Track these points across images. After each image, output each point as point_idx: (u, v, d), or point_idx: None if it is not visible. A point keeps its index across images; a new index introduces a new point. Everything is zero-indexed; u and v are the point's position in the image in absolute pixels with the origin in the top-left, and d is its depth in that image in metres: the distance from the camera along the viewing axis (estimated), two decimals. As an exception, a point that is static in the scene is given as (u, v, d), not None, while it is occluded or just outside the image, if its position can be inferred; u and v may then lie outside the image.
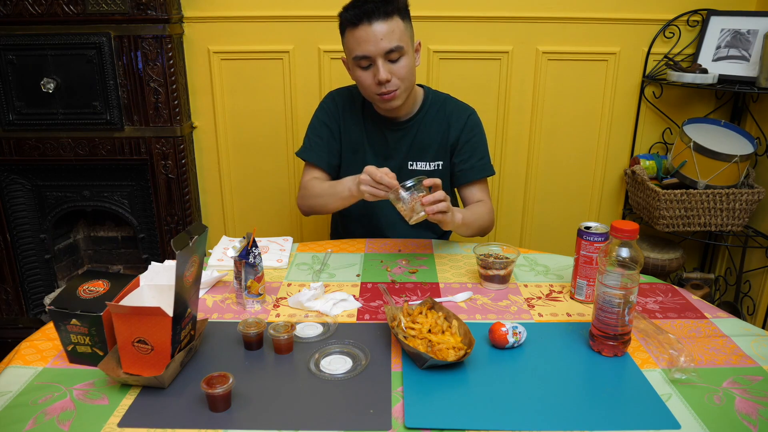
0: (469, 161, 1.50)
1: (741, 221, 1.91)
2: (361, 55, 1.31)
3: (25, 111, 1.99)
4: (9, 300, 2.21)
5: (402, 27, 1.32)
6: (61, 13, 1.87)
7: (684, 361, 0.91)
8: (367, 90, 1.37)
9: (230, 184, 2.24)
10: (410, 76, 1.37)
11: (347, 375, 0.90)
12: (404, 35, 1.33)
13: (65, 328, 0.90)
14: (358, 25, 1.29)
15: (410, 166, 1.51)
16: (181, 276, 0.84)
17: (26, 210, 2.14)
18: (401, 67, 1.34)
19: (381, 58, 1.31)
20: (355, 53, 1.32)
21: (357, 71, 1.36)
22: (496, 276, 1.20)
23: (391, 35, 1.30)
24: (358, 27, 1.29)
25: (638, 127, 2.14)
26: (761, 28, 1.90)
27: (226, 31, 2.04)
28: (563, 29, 2.03)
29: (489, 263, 1.20)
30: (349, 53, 1.35)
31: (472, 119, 1.51)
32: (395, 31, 1.31)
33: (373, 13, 1.28)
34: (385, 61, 1.32)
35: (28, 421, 0.80)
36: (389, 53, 1.31)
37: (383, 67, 1.32)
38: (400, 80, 1.34)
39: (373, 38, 1.29)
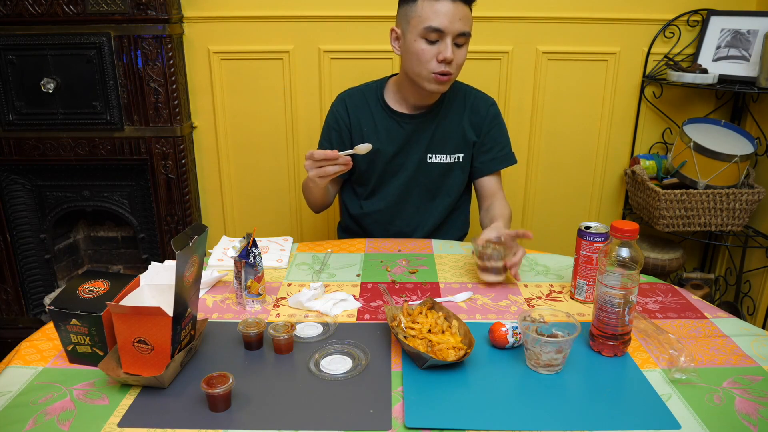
0: (489, 153, 1.51)
1: (741, 221, 1.91)
2: (436, 27, 1.29)
3: (25, 111, 1.99)
4: (9, 300, 2.21)
5: (472, 18, 1.34)
6: (61, 13, 1.87)
7: (684, 361, 0.91)
8: (423, 66, 1.34)
9: (230, 184, 2.24)
10: (462, 66, 1.37)
11: (347, 375, 0.90)
12: (471, 27, 1.34)
13: (65, 328, 0.90)
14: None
15: (429, 159, 1.50)
16: (181, 276, 0.84)
17: (26, 210, 2.14)
18: (462, 55, 1.35)
19: (451, 37, 1.30)
20: (429, 23, 1.29)
21: (420, 43, 1.32)
22: (494, 268, 1.19)
23: (467, 20, 1.31)
24: (439, 1, 1.28)
25: (638, 127, 2.14)
26: (761, 28, 1.90)
27: (226, 31, 2.05)
28: (563, 29, 2.03)
29: (487, 255, 1.19)
30: (420, 22, 1.31)
31: (493, 110, 1.51)
32: (470, 18, 1.32)
33: None
34: (452, 42, 1.31)
35: (28, 421, 0.80)
36: (460, 36, 1.31)
37: (451, 45, 1.31)
38: (458, 66, 1.35)
39: (452, 15, 1.28)
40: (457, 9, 1.29)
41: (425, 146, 1.49)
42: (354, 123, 1.50)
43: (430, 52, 1.32)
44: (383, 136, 1.49)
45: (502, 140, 1.52)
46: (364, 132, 1.49)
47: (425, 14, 1.30)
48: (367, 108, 1.50)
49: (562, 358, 0.90)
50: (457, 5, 1.29)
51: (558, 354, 0.89)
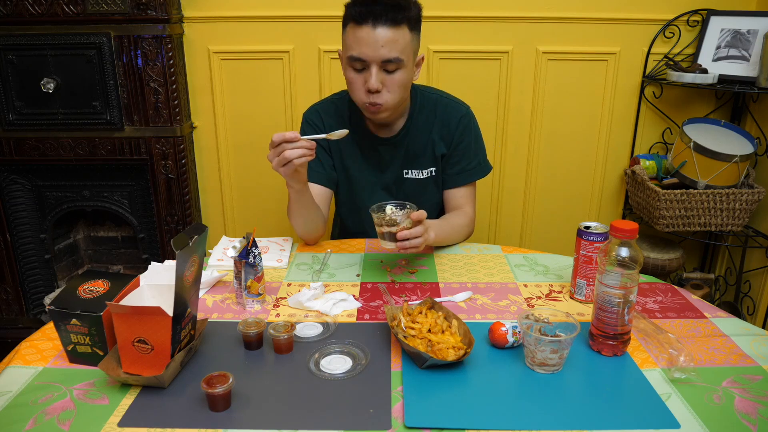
0: (456, 166, 1.45)
1: (741, 221, 1.91)
2: (357, 57, 1.23)
3: (25, 111, 1.99)
4: (9, 300, 2.21)
5: (408, 38, 1.24)
6: (61, 13, 1.87)
7: (684, 360, 0.91)
8: (355, 95, 1.29)
9: (230, 184, 2.24)
10: (402, 90, 1.29)
11: (347, 375, 0.90)
12: (407, 47, 1.24)
13: (65, 328, 0.91)
14: (362, 24, 1.20)
15: (405, 175, 1.46)
16: (181, 276, 0.84)
17: (26, 210, 2.15)
18: (395, 81, 1.25)
19: (376, 65, 1.23)
20: (350, 53, 1.23)
21: (349, 72, 1.27)
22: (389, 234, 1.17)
23: (393, 45, 1.21)
24: (361, 26, 1.20)
25: (638, 127, 2.14)
26: (761, 28, 1.90)
27: (226, 31, 2.05)
28: (563, 29, 2.03)
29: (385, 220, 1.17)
30: (346, 50, 1.26)
31: (464, 121, 1.43)
32: (399, 41, 1.22)
33: (380, 16, 1.19)
34: (380, 70, 1.23)
35: (28, 421, 0.80)
36: (386, 63, 1.23)
37: (376, 76, 1.23)
38: (391, 93, 1.26)
39: (373, 42, 1.20)
40: (379, 35, 1.19)
41: (400, 164, 1.45)
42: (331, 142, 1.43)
43: (358, 80, 1.26)
44: (358, 152, 1.44)
45: (470, 153, 1.44)
46: (340, 146, 1.44)
47: (348, 42, 1.25)
48: (341, 119, 1.43)
49: (559, 358, 0.90)
50: (381, 31, 1.19)
51: (553, 354, 0.89)
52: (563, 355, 0.90)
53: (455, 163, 1.45)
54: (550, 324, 0.95)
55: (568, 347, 0.90)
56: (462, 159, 1.45)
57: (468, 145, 1.44)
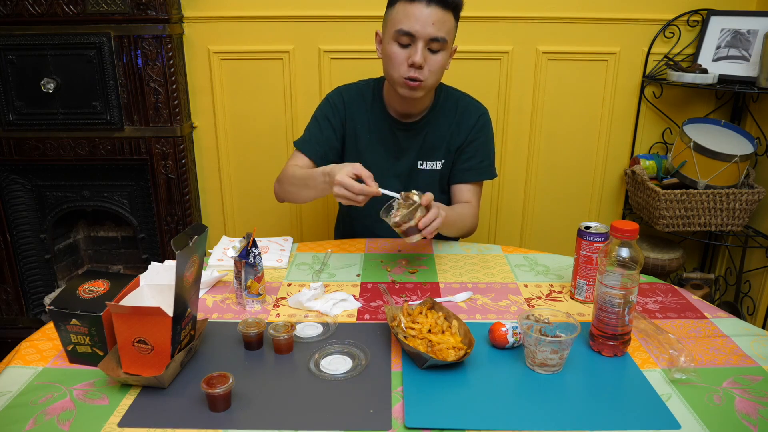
0: (468, 162, 1.48)
1: (741, 221, 1.91)
2: (406, 31, 1.27)
3: (25, 111, 1.99)
4: (9, 300, 2.21)
5: (452, 24, 1.31)
6: (61, 13, 1.87)
7: (684, 361, 0.91)
8: (396, 69, 1.32)
9: (230, 184, 2.24)
10: (440, 73, 1.35)
11: (347, 375, 0.90)
12: (451, 32, 1.31)
13: (65, 328, 0.90)
14: (415, 1, 1.26)
15: (420, 166, 1.49)
16: (181, 276, 0.84)
17: (26, 210, 2.14)
18: (437, 61, 1.31)
19: (423, 41, 1.28)
20: (400, 26, 1.28)
21: (393, 46, 1.31)
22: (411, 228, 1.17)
23: (442, 25, 1.28)
24: (415, 2, 1.26)
25: (638, 127, 2.14)
26: (761, 28, 1.90)
27: (226, 31, 2.05)
28: (563, 29, 2.03)
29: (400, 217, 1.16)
30: (393, 25, 1.30)
31: (483, 119, 1.49)
32: (446, 23, 1.28)
33: None
34: (425, 47, 1.29)
35: (28, 421, 0.80)
36: (433, 41, 1.28)
37: (422, 51, 1.28)
38: (430, 73, 1.32)
39: (425, 19, 1.26)
40: (431, 13, 1.26)
41: (416, 153, 1.48)
42: (349, 120, 1.48)
43: (401, 55, 1.30)
44: (376, 138, 1.48)
45: (483, 152, 1.49)
46: (357, 131, 1.48)
47: (398, 17, 1.29)
48: (363, 107, 1.48)
49: (559, 359, 0.90)
50: (432, 10, 1.26)
51: (554, 354, 0.89)
52: (563, 355, 0.90)
53: (467, 159, 1.48)
54: (551, 324, 0.95)
55: (568, 348, 0.90)
56: (474, 156, 1.48)
57: (481, 144, 1.48)
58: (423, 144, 1.48)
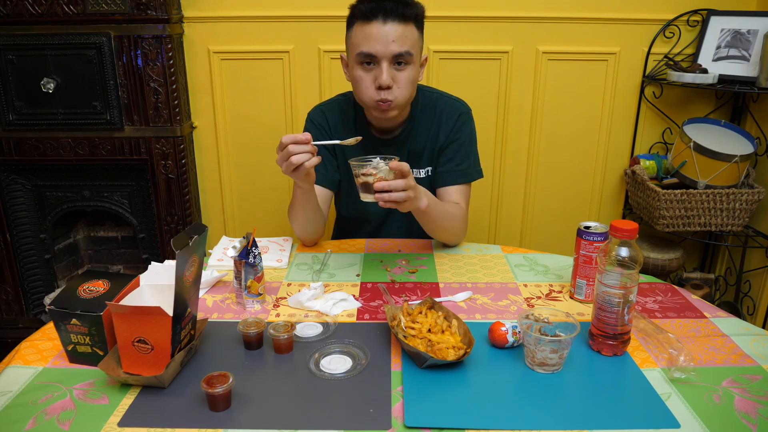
0: (447, 164, 1.42)
1: (741, 221, 1.91)
2: (368, 53, 1.22)
3: (25, 111, 1.99)
4: (9, 300, 2.21)
5: (416, 36, 1.26)
6: (61, 13, 1.87)
7: (683, 360, 0.91)
8: (364, 93, 1.28)
9: (230, 184, 2.24)
10: (411, 87, 1.29)
11: (347, 375, 0.90)
12: (416, 44, 1.26)
13: (65, 328, 0.91)
14: (372, 20, 1.21)
15: None
16: (181, 276, 0.84)
17: (26, 210, 2.15)
18: (405, 77, 1.26)
19: (387, 60, 1.23)
20: (360, 49, 1.23)
21: (357, 70, 1.26)
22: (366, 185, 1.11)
23: (404, 40, 1.22)
24: (371, 22, 1.21)
25: (638, 127, 2.14)
26: (761, 28, 1.90)
27: (226, 31, 2.05)
28: (563, 29, 2.03)
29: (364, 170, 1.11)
30: (354, 48, 1.25)
31: (461, 120, 1.42)
32: (408, 36, 1.23)
33: (390, 11, 1.20)
34: (390, 66, 1.24)
35: (28, 421, 0.80)
36: (397, 57, 1.23)
37: (387, 71, 1.23)
38: (401, 89, 1.27)
39: (384, 38, 1.21)
40: (389, 30, 1.20)
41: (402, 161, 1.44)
42: (334, 134, 1.43)
43: (368, 78, 1.26)
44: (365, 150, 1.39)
45: (463, 153, 1.42)
46: (344, 149, 1.42)
47: (357, 40, 1.24)
48: (345, 119, 1.43)
49: (559, 358, 0.90)
50: (391, 26, 1.20)
51: (553, 354, 0.89)
52: (563, 354, 0.90)
53: (446, 161, 1.42)
54: (550, 324, 0.95)
55: (568, 347, 0.90)
56: (453, 158, 1.42)
57: (461, 145, 1.42)
58: (408, 156, 1.43)
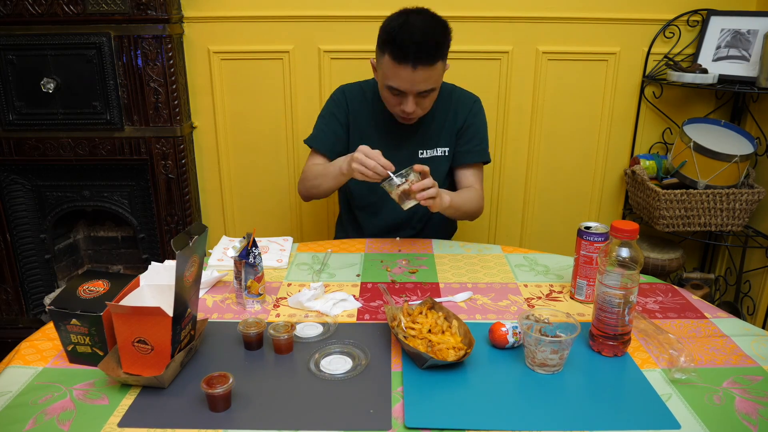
0: (467, 145, 1.53)
1: (741, 221, 1.91)
2: (395, 88, 1.33)
3: (25, 111, 1.99)
4: (9, 300, 2.20)
5: (441, 69, 1.34)
6: (61, 13, 1.87)
7: (684, 361, 0.91)
8: (390, 106, 1.41)
9: (230, 184, 2.24)
10: (432, 103, 1.41)
11: (347, 375, 0.90)
12: (440, 75, 1.36)
13: (65, 328, 0.90)
14: (401, 64, 1.28)
15: (420, 155, 1.53)
16: (181, 276, 0.84)
17: (26, 210, 2.14)
18: (428, 100, 1.38)
19: (413, 95, 1.33)
20: (389, 82, 1.33)
21: (385, 91, 1.37)
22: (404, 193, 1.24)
23: (430, 80, 1.32)
24: (400, 65, 1.28)
25: (638, 127, 2.14)
26: (761, 28, 1.90)
27: (226, 31, 2.04)
28: (563, 29, 2.03)
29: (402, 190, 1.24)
30: (383, 75, 1.34)
31: (477, 105, 1.55)
32: (434, 73, 1.32)
33: (419, 60, 1.27)
34: (415, 96, 1.34)
35: (28, 421, 0.80)
36: (422, 92, 1.34)
37: (412, 102, 1.34)
38: (423, 109, 1.39)
39: (411, 80, 1.30)
40: (417, 75, 1.29)
41: (416, 142, 1.52)
42: (351, 115, 1.53)
43: (393, 99, 1.38)
44: (375, 129, 1.52)
45: (480, 135, 1.55)
46: (359, 123, 1.53)
47: (387, 72, 1.32)
48: (365, 103, 1.54)
49: (559, 359, 0.90)
50: (418, 71, 1.28)
51: (554, 354, 0.89)
52: (563, 355, 0.90)
53: (466, 141, 1.54)
54: (551, 324, 0.95)
55: (568, 348, 0.90)
56: (472, 139, 1.54)
57: (478, 128, 1.55)
58: (422, 135, 1.52)
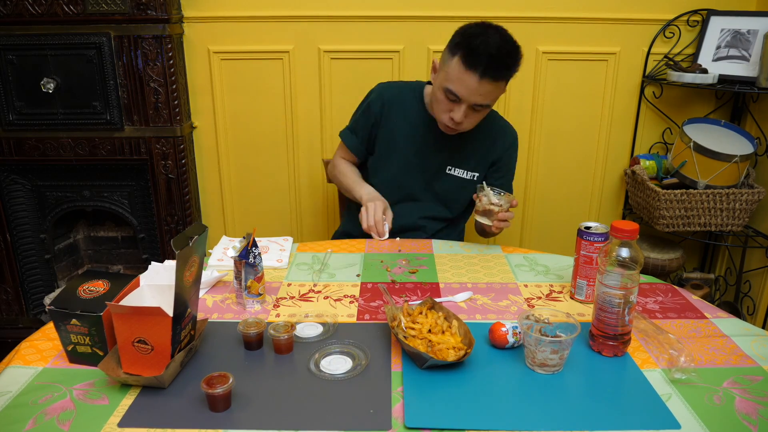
0: (499, 179, 1.56)
1: (741, 221, 1.91)
2: (453, 92, 1.32)
3: (25, 111, 1.99)
4: (9, 300, 2.21)
5: (501, 90, 1.35)
6: (61, 13, 1.87)
7: (684, 361, 0.91)
8: (437, 113, 1.40)
9: (230, 184, 2.24)
10: (479, 121, 1.42)
11: (347, 375, 0.90)
12: (498, 96, 1.36)
13: (65, 328, 0.90)
14: (469, 70, 1.28)
15: (448, 170, 1.53)
16: (181, 276, 0.84)
17: (26, 210, 2.14)
18: (477, 117, 1.39)
19: (467, 105, 1.33)
20: (450, 85, 1.32)
21: (440, 93, 1.36)
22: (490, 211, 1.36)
23: (489, 94, 1.32)
24: (468, 71, 1.28)
25: (638, 127, 2.14)
26: (761, 28, 1.90)
27: (226, 31, 2.05)
28: (563, 29, 2.03)
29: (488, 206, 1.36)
30: (446, 77, 1.33)
31: (516, 142, 1.58)
32: (495, 91, 1.33)
33: (488, 72, 1.28)
34: (468, 108, 1.34)
35: (28, 421, 0.80)
36: (477, 106, 1.34)
37: (463, 113, 1.34)
38: (470, 123, 1.39)
39: (473, 89, 1.30)
40: (481, 86, 1.29)
41: (447, 156, 1.52)
42: (385, 115, 1.53)
43: (445, 104, 1.36)
44: (412, 135, 1.51)
45: (511, 171, 1.60)
46: (392, 126, 1.52)
47: (452, 74, 1.32)
48: (402, 103, 1.53)
49: (559, 359, 0.90)
50: (484, 83, 1.29)
51: (554, 354, 0.89)
52: (563, 355, 0.90)
53: (502, 175, 1.57)
54: (551, 324, 0.95)
55: (568, 348, 0.90)
56: (506, 174, 1.59)
57: (512, 164, 1.60)
58: (455, 150, 1.51)
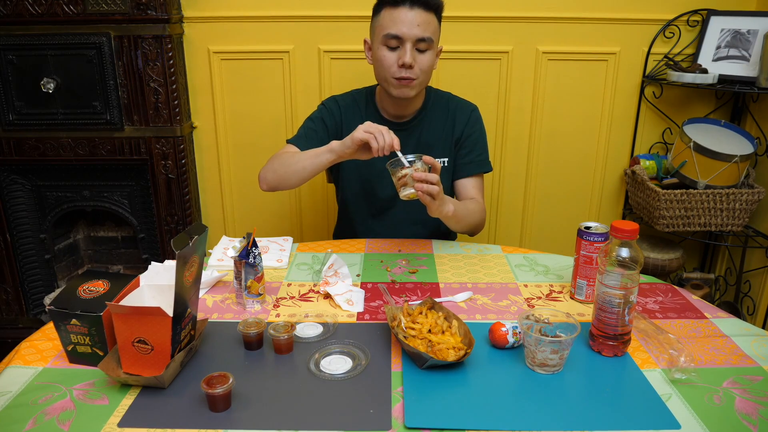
0: (467, 156, 1.53)
1: (741, 221, 1.91)
2: (394, 34, 1.34)
3: (25, 111, 1.99)
4: (9, 300, 2.21)
5: (436, 24, 1.38)
6: (61, 13, 1.87)
7: (684, 361, 0.91)
8: (386, 71, 1.38)
9: (230, 184, 2.24)
10: (429, 72, 1.41)
11: (347, 375, 0.90)
12: (435, 32, 1.39)
13: (65, 328, 0.90)
14: (399, 6, 1.33)
15: None
16: (181, 276, 0.84)
17: (26, 210, 2.14)
18: (425, 60, 1.38)
19: (411, 43, 1.35)
20: (388, 31, 1.35)
21: (382, 50, 1.37)
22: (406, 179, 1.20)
23: (427, 26, 1.35)
24: (398, 7, 1.33)
25: (638, 127, 2.14)
26: (761, 28, 1.90)
27: (226, 31, 2.04)
28: (563, 29, 2.03)
29: None
30: (381, 30, 1.37)
31: (475, 115, 1.55)
32: (431, 24, 1.36)
33: (416, 1, 1.33)
34: (413, 48, 1.35)
35: (28, 421, 0.80)
36: (420, 41, 1.35)
37: (410, 52, 1.35)
38: (421, 72, 1.38)
39: (410, 22, 1.33)
40: (415, 15, 1.33)
41: (412, 150, 1.48)
42: (344, 122, 1.52)
43: (391, 57, 1.37)
44: None
45: (480, 144, 1.55)
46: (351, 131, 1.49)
47: (384, 22, 1.36)
48: (358, 111, 1.53)
49: (559, 359, 0.90)
50: (416, 12, 1.33)
51: (554, 354, 0.89)
52: (563, 355, 0.90)
53: (466, 153, 1.53)
54: (551, 324, 0.95)
55: (568, 348, 0.90)
56: (473, 150, 1.53)
57: (477, 138, 1.54)
58: (418, 142, 1.51)
